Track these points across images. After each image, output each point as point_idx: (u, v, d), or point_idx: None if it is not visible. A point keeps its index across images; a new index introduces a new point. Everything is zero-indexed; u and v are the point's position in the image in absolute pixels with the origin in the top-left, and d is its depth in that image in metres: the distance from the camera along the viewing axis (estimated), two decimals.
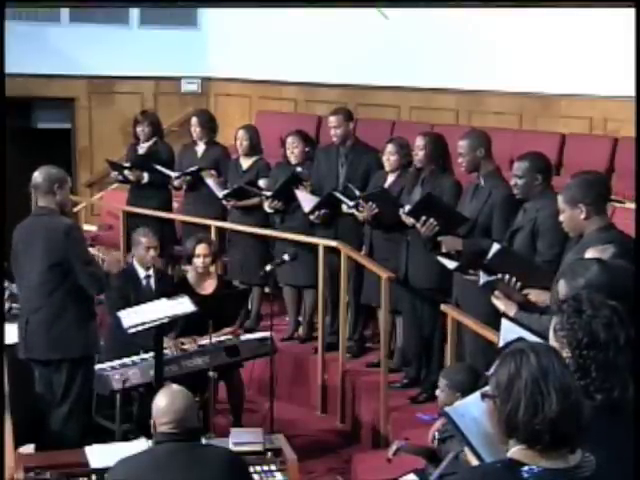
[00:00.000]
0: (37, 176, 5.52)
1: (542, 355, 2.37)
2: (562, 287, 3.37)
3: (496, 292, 4.64)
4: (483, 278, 4.76)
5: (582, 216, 4.34)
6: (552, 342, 2.79)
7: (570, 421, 2.32)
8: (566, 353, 2.70)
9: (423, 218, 5.87)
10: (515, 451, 2.37)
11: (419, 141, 6.29)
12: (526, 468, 2.33)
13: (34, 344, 5.45)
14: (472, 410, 2.74)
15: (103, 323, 6.52)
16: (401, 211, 6.19)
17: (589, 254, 3.85)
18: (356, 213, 6.72)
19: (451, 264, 5.44)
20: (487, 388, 2.45)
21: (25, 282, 5.55)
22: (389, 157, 6.72)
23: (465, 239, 5.72)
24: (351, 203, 6.73)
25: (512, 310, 4.51)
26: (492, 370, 2.43)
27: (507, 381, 2.36)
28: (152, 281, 6.50)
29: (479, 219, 5.71)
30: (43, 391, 5.47)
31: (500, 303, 4.61)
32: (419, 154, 6.29)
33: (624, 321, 2.77)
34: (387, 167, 6.76)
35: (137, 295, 6.19)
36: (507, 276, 4.73)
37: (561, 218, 4.46)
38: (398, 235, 6.45)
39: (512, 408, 2.34)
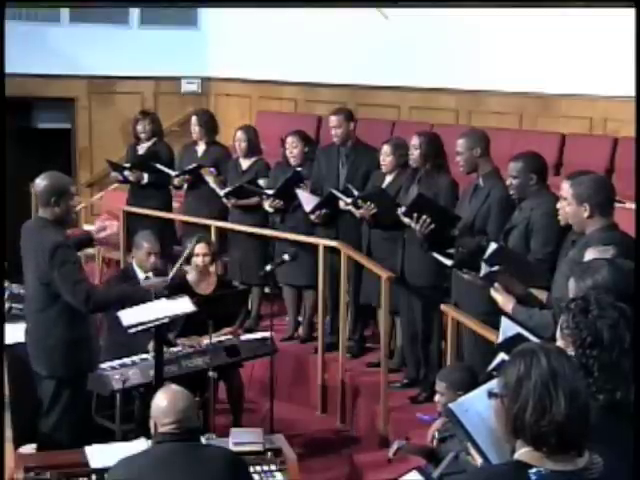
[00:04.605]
0: (38, 184, 5.27)
1: (553, 357, 2.36)
2: (572, 286, 3.37)
3: (496, 284, 4.62)
4: (485, 269, 4.75)
5: (585, 214, 4.34)
6: (558, 340, 2.79)
7: (578, 425, 2.32)
8: (571, 352, 2.70)
9: (415, 215, 5.88)
10: (523, 453, 2.36)
11: (414, 140, 6.31)
12: (534, 470, 2.32)
13: (30, 353, 5.41)
14: (477, 405, 2.74)
15: (101, 324, 6.51)
16: (399, 211, 6.19)
17: (589, 254, 3.86)
18: (353, 210, 6.72)
19: (448, 261, 5.46)
20: (494, 386, 2.44)
21: (26, 289, 5.50)
22: (385, 158, 6.73)
23: (460, 238, 5.72)
24: (348, 200, 6.73)
25: (510, 304, 4.50)
26: (494, 367, 2.43)
27: (516, 381, 2.35)
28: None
29: (478, 219, 5.72)
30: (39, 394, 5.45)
31: (499, 296, 4.59)
32: (414, 153, 6.31)
33: (631, 323, 2.77)
34: (383, 168, 6.77)
35: None
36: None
37: (565, 208, 4.43)
38: (396, 234, 6.46)
39: (519, 409, 2.34)
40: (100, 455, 4.54)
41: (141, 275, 6.44)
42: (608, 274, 3.29)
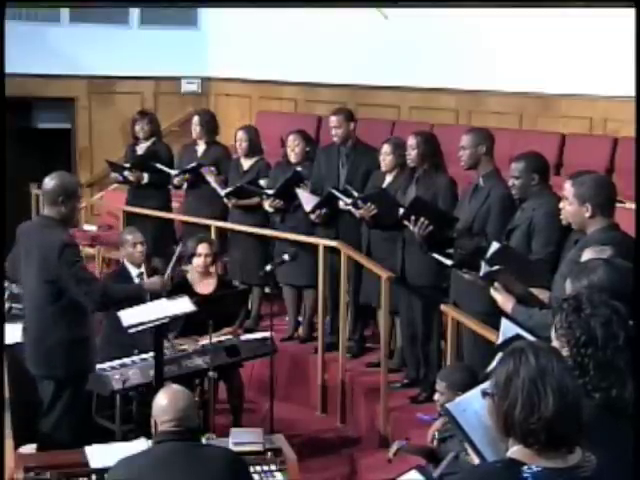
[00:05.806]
0: (46, 183, 5.27)
1: (541, 355, 2.38)
2: (568, 286, 3.37)
3: (496, 284, 4.61)
4: (484, 269, 4.73)
5: (587, 214, 4.34)
6: (553, 340, 2.80)
7: (567, 422, 2.33)
8: (566, 352, 2.71)
9: (413, 218, 5.87)
10: (515, 451, 2.38)
11: (411, 140, 6.30)
12: (526, 468, 2.34)
13: (27, 353, 5.40)
14: (474, 404, 2.75)
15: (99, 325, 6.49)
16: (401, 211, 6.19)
17: (587, 254, 3.86)
18: (353, 210, 6.72)
19: (448, 261, 5.46)
20: (487, 385, 2.46)
21: (25, 289, 5.48)
22: (385, 157, 6.73)
23: (459, 240, 5.72)
24: (348, 200, 6.72)
25: (510, 304, 4.49)
26: (492, 368, 2.45)
27: (505, 379, 2.38)
28: (145, 278, 6.45)
29: (477, 219, 5.71)
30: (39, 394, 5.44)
31: (498, 295, 4.58)
32: (412, 153, 6.30)
33: (625, 321, 2.77)
34: (383, 167, 6.77)
35: None
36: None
37: (567, 208, 4.43)
38: (396, 234, 6.46)
39: (509, 406, 2.36)
40: (100, 455, 4.54)
41: (134, 271, 6.42)
42: (604, 274, 3.29)
